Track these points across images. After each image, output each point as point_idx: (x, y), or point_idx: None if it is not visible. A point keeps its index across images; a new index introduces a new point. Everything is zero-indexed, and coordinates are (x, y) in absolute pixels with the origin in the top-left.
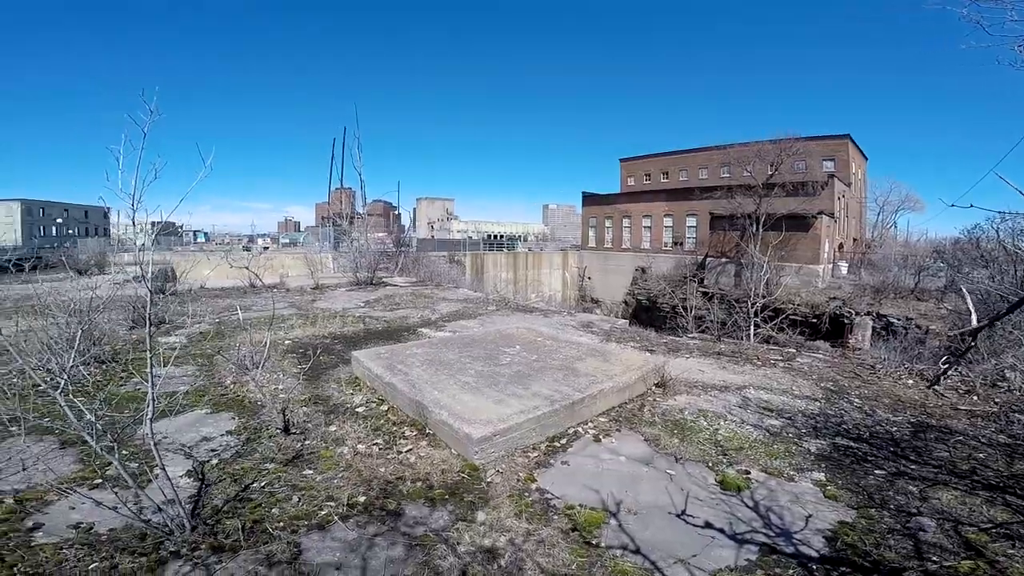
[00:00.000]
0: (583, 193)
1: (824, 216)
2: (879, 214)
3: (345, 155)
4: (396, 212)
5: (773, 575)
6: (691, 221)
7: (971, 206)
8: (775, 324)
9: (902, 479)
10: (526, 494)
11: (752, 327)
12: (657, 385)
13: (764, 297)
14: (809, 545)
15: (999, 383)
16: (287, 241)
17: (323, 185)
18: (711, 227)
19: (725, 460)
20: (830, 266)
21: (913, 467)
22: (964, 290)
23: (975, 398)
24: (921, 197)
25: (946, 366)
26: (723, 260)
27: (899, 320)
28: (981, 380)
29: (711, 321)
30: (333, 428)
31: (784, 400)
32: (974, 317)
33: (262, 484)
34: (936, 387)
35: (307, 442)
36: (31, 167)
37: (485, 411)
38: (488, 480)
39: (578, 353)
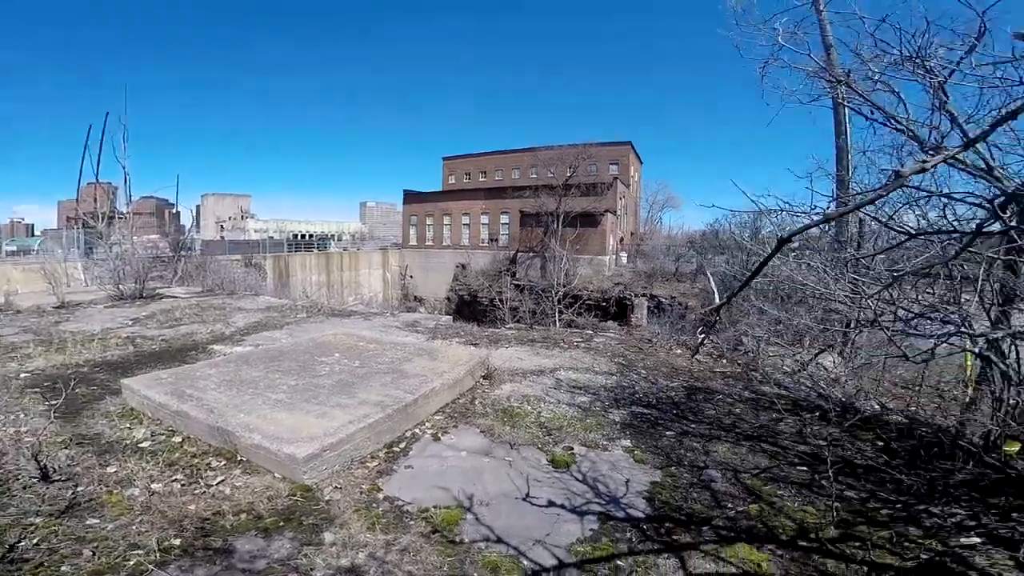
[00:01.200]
0: (405, 191)
1: (609, 214)
2: (649, 211)
3: (106, 144)
4: (174, 210)
5: (615, 539)
6: (505, 219)
7: (712, 205)
8: (575, 309)
9: (687, 437)
10: (374, 505)
11: (557, 314)
12: (484, 377)
13: (565, 286)
14: (635, 508)
15: (739, 347)
16: (13, 248)
17: (71, 181)
18: (521, 224)
19: (551, 440)
20: (614, 257)
21: (693, 426)
22: (708, 274)
23: (724, 361)
24: (680, 196)
25: (702, 336)
26: (531, 254)
27: (666, 299)
28: (727, 346)
29: (524, 311)
30: (113, 469)
31: (588, 377)
32: (717, 295)
33: (34, 542)
34: (697, 355)
35: (80, 488)
36: None
37: (308, 427)
38: (327, 498)
39: (405, 354)
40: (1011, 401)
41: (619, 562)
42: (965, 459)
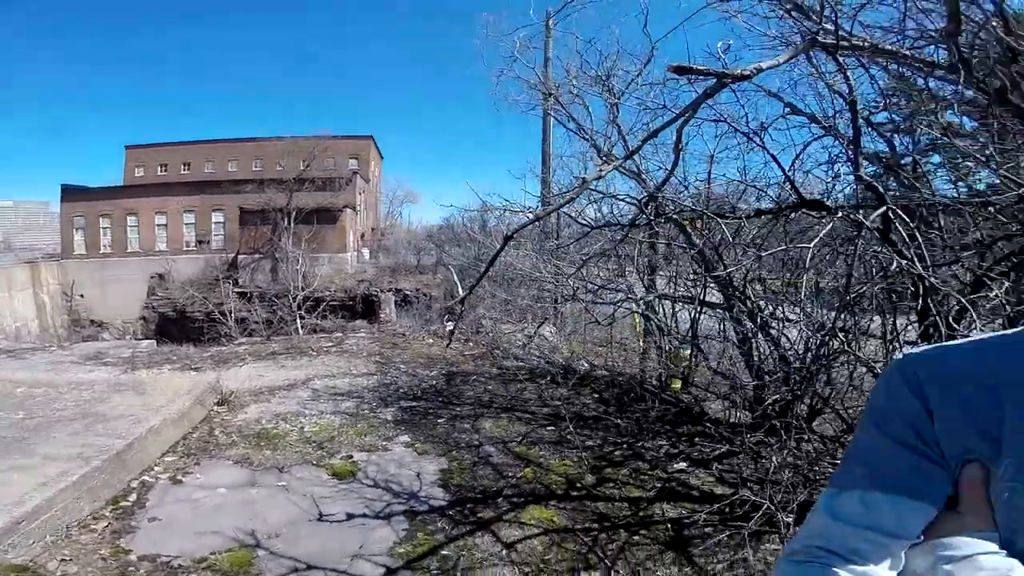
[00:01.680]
0: (63, 186)
1: (349, 209)
2: (389, 206)
3: None
4: None
5: (429, 532)
6: (218, 217)
7: (451, 205)
8: (319, 313)
9: (458, 420)
10: (131, 568)
11: (298, 320)
12: (219, 404)
13: (304, 289)
14: (435, 498)
15: (481, 330)
16: None
17: None
18: (242, 223)
19: (325, 453)
20: (356, 253)
21: (459, 408)
22: (450, 268)
23: (472, 344)
24: (419, 191)
25: (451, 325)
26: (257, 256)
27: (412, 292)
28: (471, 330)
29: (256, 322)
30: None
31: (349, 382)
32: (459, 286)
33: None
34: (449, 343)
35: None
36: None
37: None
38: (59, 573)
39: (97, 393)
40: (666, 347)
41: (444, 552)
42: (652, 399)
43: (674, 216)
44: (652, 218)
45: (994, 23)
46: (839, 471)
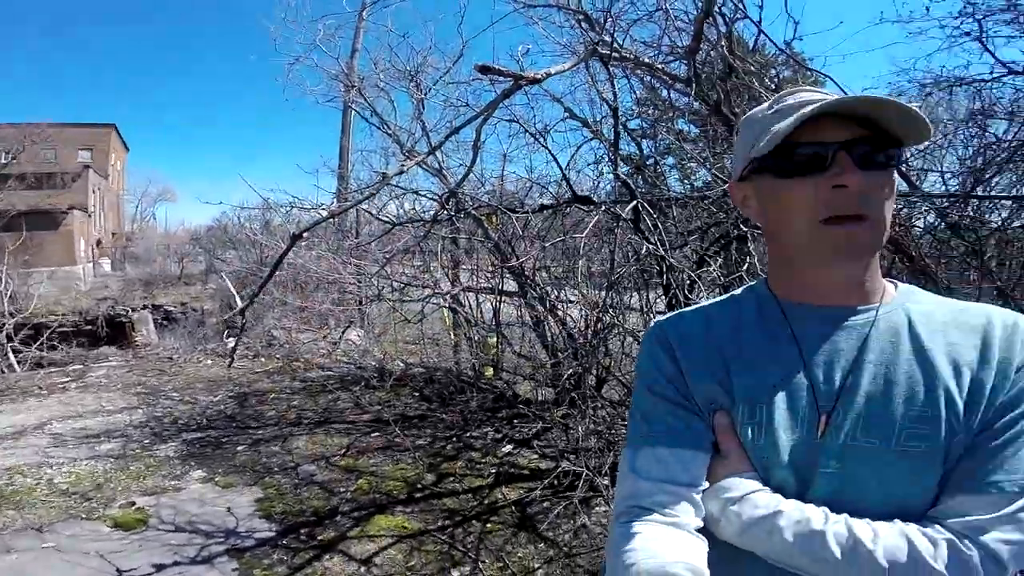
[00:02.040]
0: None
1: (77, 211)
2: (138, 206)
3: None
4: None
5: (267, 567)
6: None
7: (220, 203)
8: (43, 343)
9: (262, 444)
10: None
11: (11, 354)
12: None
13: (16, 315)
14: (260, 530)
15: (273, 342)
16: None
17: None
18: None
19: (96, 504)
20: (91, 265)
21: (261, 431)
22: (224, 276)
23: (263, 360)
24: (176, 189)
25: (232, 341)
26: None
27: (176, 308)
28: (261, 344)
29: None
30: None
31: (103, 420)
32: (237, 296)
33: None
34: (232, 362)
35: None
36: None
37: None
38: None
39: None
40: (475, 338)
41: None
42: (470, 389)
43: (473, 211)
44: (453, 214)
45: (723, 43)
46: (630, 432)
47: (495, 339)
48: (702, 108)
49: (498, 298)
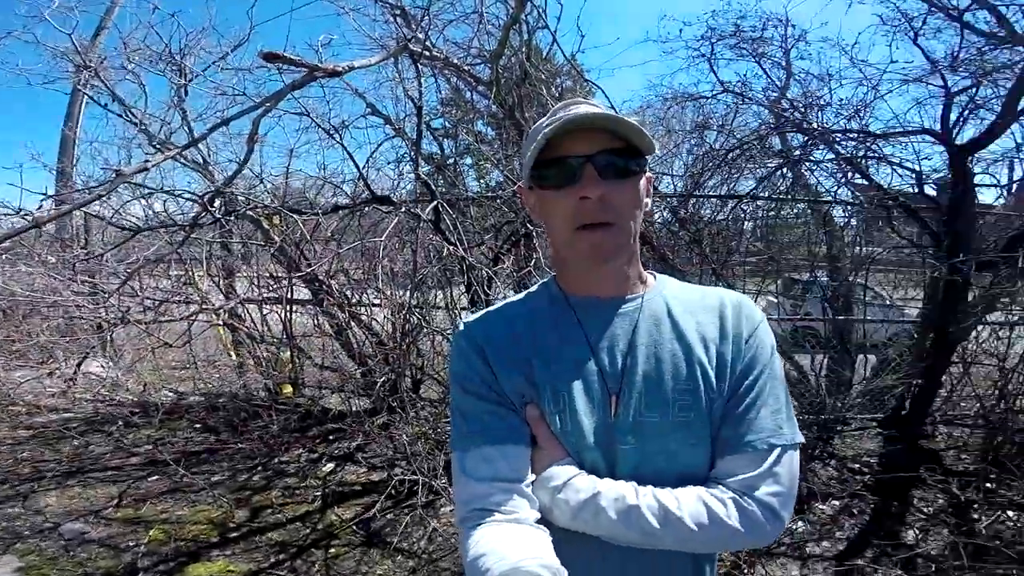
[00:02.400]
0: None
1: None
2: None
3: None
4: None
5: None
6: None
7: None
8: None
9: None
10: None
11: None
12: None
13: None
14: None
15: None
16: None
17: None
18: None
19: None
20: None
21: None
22: None
23: None
24: None
25: None
26: None
27: None
28: None
29: None
30: None
31: None
32: None
33: None
34: None
35: None
36: None
37: None
38: None
39: None
40: (264, 355)
41: None
42: (267, 412)
43: (248, 212)
44: (221, 215)
45: (523, 50)
46: (453, 434)
47: (289, 354)
48: (499, 112)
49: (287, 308)
